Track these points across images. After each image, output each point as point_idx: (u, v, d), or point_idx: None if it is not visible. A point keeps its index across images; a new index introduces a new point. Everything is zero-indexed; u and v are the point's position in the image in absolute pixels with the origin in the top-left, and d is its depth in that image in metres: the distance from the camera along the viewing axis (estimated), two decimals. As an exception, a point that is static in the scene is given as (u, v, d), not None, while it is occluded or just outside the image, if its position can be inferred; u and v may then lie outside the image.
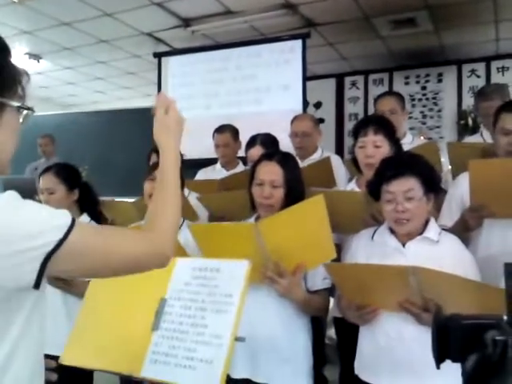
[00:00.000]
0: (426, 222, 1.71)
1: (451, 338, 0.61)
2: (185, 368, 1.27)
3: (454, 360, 0.61)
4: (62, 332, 2.09)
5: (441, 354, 0.61)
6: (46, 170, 2.40)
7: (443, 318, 0.62)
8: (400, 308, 1.57)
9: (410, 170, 1.63)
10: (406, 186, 1.62)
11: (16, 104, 0.92)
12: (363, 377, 1.73)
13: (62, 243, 0.84)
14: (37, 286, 0.84)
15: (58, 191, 2.32)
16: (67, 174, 2.39)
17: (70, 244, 0.85)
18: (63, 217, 0.87)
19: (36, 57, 6.27)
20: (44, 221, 0.85)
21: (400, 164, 1.69)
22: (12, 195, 0.86)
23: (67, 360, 1.46)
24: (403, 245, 1.69)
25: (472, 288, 1.46)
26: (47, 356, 1.02)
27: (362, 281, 1.59)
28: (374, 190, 1.73)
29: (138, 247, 0.95)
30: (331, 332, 3.65)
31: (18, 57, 6.17)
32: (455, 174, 2.41)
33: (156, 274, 1.47)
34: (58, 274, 0.91)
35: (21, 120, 0.95)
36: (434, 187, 1.67)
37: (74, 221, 0.87)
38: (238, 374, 1.79)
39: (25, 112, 0.95)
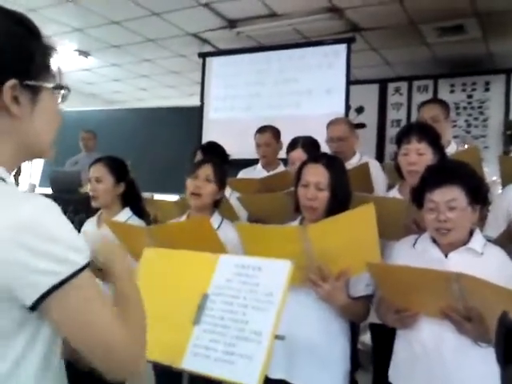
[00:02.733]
0: (471, 233, 1.68)
1: None
2: (224, 362, 1.29)
3: None
4: None
5: (506, 358, 0.61)
6: (97, 160, 2.49)
7: (509, 323, 0.62)
8: (441, 314, 1.55)
9: (454, 178, 1.61)
10: (449, 196, 1.60)
11: (51, 85, 0.89)
12: None
13: (68, 281, 0.77)
14: (33, 309, 0.78)
15: (106, 181, 2.40)
16: (116, 166, 2.47)
17: (73, 287, 0.78)
18: (83, 253, 0.81)
19: (85, 53, 6.46)
20: (68, 246, 0.79)
21: (444, 172, 1.67)
22: (53, 205, 0.81)
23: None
24: (446, 255, 1.67)
25: None
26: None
27: (404, 283, 1.58)
28: (418, 197, 1.71)
29: (122, 337, 0.84)
30: (364, 338, 3.64)
31: (68, 53, 6.37)
32: (504, 185, 2.36)
33: (199, 270, 1.52)
34: (49, 313, 0.80)
35: (59, 100, 0.93)
36: (479, 197, 1.64)
37: (88, 264, 0.81)
38: (274, 374, 1.79)
39: (61, 91, 0.93)
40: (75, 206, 3.32)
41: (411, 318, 1.64)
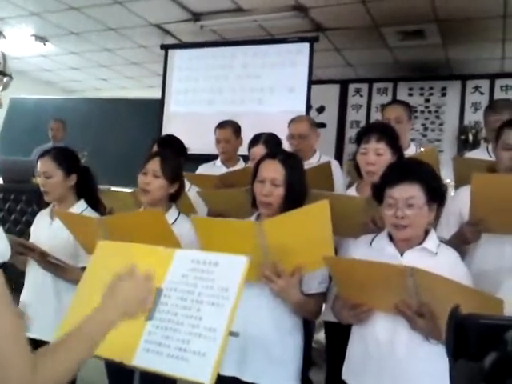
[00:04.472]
0: (427, 233, 1.71)
1: (469, 337, 0.61)
2: (177, 359, 1.26)
3: (471, 358, 0.61)
4: (50, 316, 2.10)
5: (456, 352, 0.61)
6: (44, 153, 2.37)
7: (460, 317, 0.62)
8: (395, 309, 1.57)
9: (414, 176, 1.63)
10: (409, 193, 1.62)
11: None
12: (350, 382, 1.73)
13: None
14: None
15: (56, 176, 2.29)
16: (65, 158, 2.36)
17: None
18: None
19: (42, 39, 6.25)
20: None
21: (405, 170, 1.70)
22: None
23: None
24: (401, 254, 1.69)
25: (469, 294, 1.46)
26: (33, 340, 0.97)
27: (360, 278, 1.59)
28: (378, 193, 1.73)
29: (19, 361, 0.80)
30: (318, 336, 3.67)
31: (25, 38, 6.15)
32: (457, 188, 2.43)
33: (154, 264, 1.48)
34: None
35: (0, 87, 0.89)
36: (437, 197, 1.67)
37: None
38: (225, 371, 1.78)
39: (4, 79, 0.89)
40: (27, 196, 3.20)
41: (366, 314, 1.65)
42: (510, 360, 0.53)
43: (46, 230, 2.33)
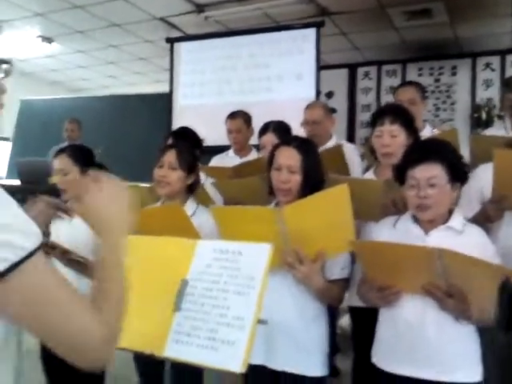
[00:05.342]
0: (451, 212, 1.70)
1: None
2: (207, 349, 1.26)
3: None
4: None
5: (509, 323, 0.61)
6: (60, 151, 2.40)
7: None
8: (423, 291, 1.56)
9: (435, 156, 1.62)
10: (430, 173, 1.61)
11: None
12: (381, 365, 1.72)
13: (16, 267, 0.70)
14: None
15: (72, 172, 2.32)
16: (81, 155, 2.38)
17: (22, 272, 0.71)
18: (33, 236, 0.74)
19: (48, 40, 6.26)
20: (10, 230, 0.72)
21: (426, 150, 1.68)
22: None
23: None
24: (426, 234, 1.68)
25: (498, 273, 1.44)
26: None
27: (387, 260, 1.58)
28: (399, 174, 1.72)
29: (87, 322, 0.78)
30: (342, 321, 3.68)
31: (31, 39, 6.16)
32: (474, 166, 2.39)
33: (177, 256, 1.49)
34: None
35: (1, 75, 0.90)
36: (459, 176, 1.66)
37: (39, 248, 0.74)
38: (253, 360, 1.77)
39: (4, 66, 0.91)
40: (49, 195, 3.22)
41: (394, 295, 1.64)
42: None
43: (66, 228, 2.35)
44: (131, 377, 2.45)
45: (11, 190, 0.78)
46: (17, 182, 4.21)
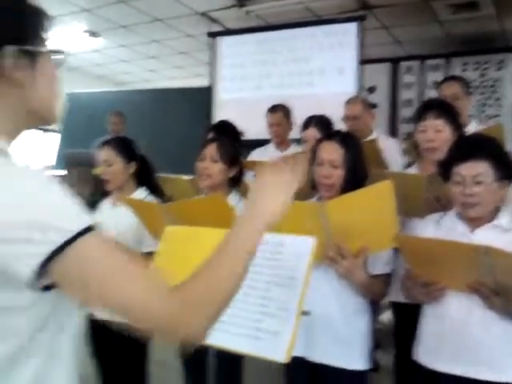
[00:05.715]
0: (498, 210, 1.66)
1: None
2: (251, 338, 1.29)
3: None
4: None
5: None
6: (105, 143, 2.47)
7: None
8: (469, 288, 1.54)
9: (482, 153, 1.59)
10: (476, 170, 1.58)
11: (47, 49, 0.89)
12: (423, 361, 1.71)
13: (64, 248, 0.74)
14: (34, 286, 0.75)
15: (116, 163, 2.38)
16: (124, 146, 2.45)
17: (71, 253, 0.74)
18: (80, 219, 0.77)
19: (94, 34, 6.41)
20: (60, 215, 0.76)
21: (472, 146, 1.65)
22: (44, 179, 0.78)
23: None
24: (472, 232, 1.66)
25: None
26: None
27: (432, 256, 1.56)
28: (445, 170, 1.70)
29: (147, 297, 0.79)
30: (383, 317, 3.65)
31: (78, 34, 6.32)
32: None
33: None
34: (56, 280, 0.77)
35: (56, 65, 0.93)
36: (507, 173, 1.62)
37: (90, 228, 0.77)
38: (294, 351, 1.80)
39: (58, 56, 0.93)
40: (91, 186, 3.32)
41: (439, 292, 1.63)
42: None
43: (110, 218, 2.42)
44: (170, 361, 2.51)
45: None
46: (64, 172, 4.35)
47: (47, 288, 0.78)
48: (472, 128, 2.77)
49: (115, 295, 0.78)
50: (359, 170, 1.89)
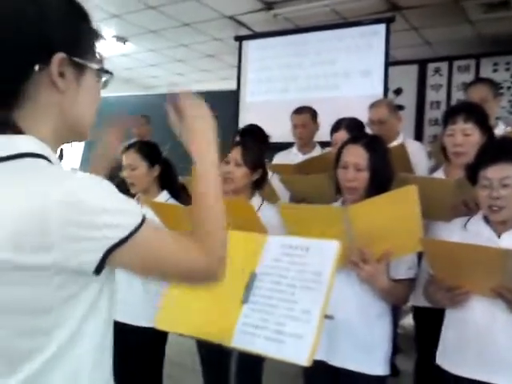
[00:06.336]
0: None
1: None
2: (274, 341, 1.30)
3: None
4: (137, 301, 2.23)
5: None
6: (129, 147, 2.50)
7: None
8: (493, 293, 1.53)
9: (509, 156, 1.58)
10: (504, 173, 1.57)
11: (96, 66, 0.91)
12: (446, 366, 1.69)
13: (125, 241, 0.83)
14: (97, 272, 0.84)
15: (140, 167, 2.41)
16: (148, 150, 2.48)
17: (133, 244, 0.84)
18: (134, 215, 0.86)
19: (122, 39, 6.53)
20: (116, 213, 0.83)
21: (499, 149, 1.64)
22: (95, 179, 0.84)
23: (160, 324, 1.55)
24: (499, 236, 1.64)
25: None
26: (118, 324, 1.03)
27: (457, 261, 1.56)
28: (472, 174, 1.68)
29: (192, 259, 0.94)
30: (404, 321, 3.62)
31: (107, 39, 6.45)
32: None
33: (247, 250, 1.53)
34: (117, 266, 0.89)
35: (100, 85, 0.95)
36: None
37: (142, 221, 0.87)
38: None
39: (105, 77, 0.94)
40: (119, 189, 3.38)
41: (463, 296, 1.62)
42: None
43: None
44: (188, 363, 2.54)
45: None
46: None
47: (98, 272, 0.85)
48: (499, 131, 2.72)
49: (178, 266, 0.93)
50: (384, 174, 1.88)
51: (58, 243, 0.78)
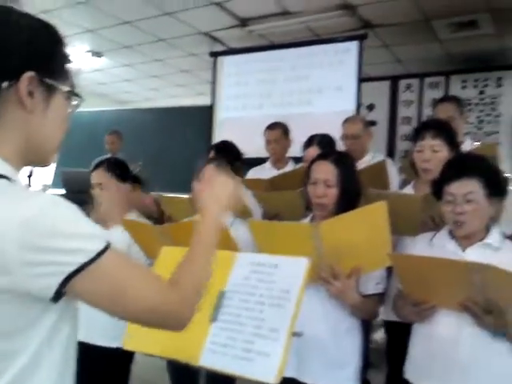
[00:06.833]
0: (488, 229, 1.68)
1: None
2: (242, 359, 1.29)
3: None
4: (102, 320, 2.18)
5: None
6: (97, 165, 2.45)
7: None
8: (460, 306, 1.55)
9: (472, 171, 1.62)
10: (467, 189, 1.61)
11: (66, 88, 0.90)
12: (414, 380, 1.70)
13: (85, 267, 0.80)
14: (56, 299, 0.81)
15: (109, 186, 2.36)
16: (118, 168, 2.43)
17: (94, 271, 0.80)
18: (97, 240, 0.83)
19: (97, 54, 6.50)
20: (77, 238, 0.80)
21: (462, 165, 1.68)
22: (57, 201, 0.81)
23: (128, 344, 1.53)
24: (463, 250, 1.67)
25: None
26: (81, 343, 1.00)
27: (424, 274, 1.58)
28: (437, 190, 1.71)
29: (161, 299, 0.90)
30: (376, 335, 3.64)
31: (81, 54, 6.41)
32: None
33: (216, 268, 1.52)
34: (74, 296, 0.85)
35: (69, 109, 0.93)
36: (497, 191, 1.64)
37: (106, 247, 0.83)
38: (284, 372, 1.79)
39: (74, 101, 0.93)
40: (90, 206, 3.34)
41: (429, 311, 1.63)
42: None
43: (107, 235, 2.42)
44: (159, 382, 2.50)
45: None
46: (62, 192, 4.37)
47: (56, 299, 0.81)
48: (467, 146, 2.78)
49: (143, 303, 0.88)
50: (353, 190, 1.90)
51: (16, 267, 0.76)
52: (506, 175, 2.69)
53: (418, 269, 1.61)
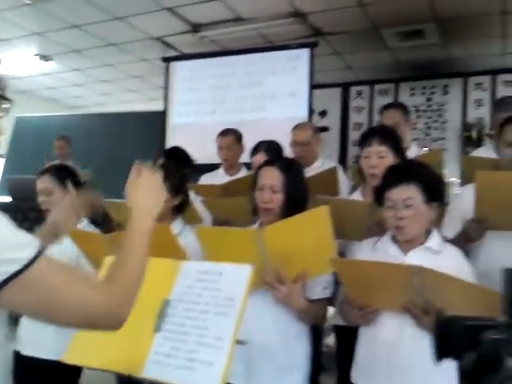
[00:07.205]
0: (429, 233, 1.73)
1: (452, 337, 0.64)
2: (186, 369, 1.27)
3: (454, 358, 0.63)
4: (48, 335, 2.12)
5: (441, 352, 0.64)
6: (43, 172, 2.37)
7: (445, 319, 0.65)
8: (401, 308, 1.58)
9: (410, 178, 1.66)
10: (406, 194, 1.65)
11: None
12: (360, 383, 1.73)
13: (16, 276, 0.80)
14: None
15: (55, 193, 2.29)
16: (64, 175, 2.34)
17: (25, 279, 0.81)
18: (27, 248, 0.83)
19: (45, 58, 6.32)
20: (7, 247, 0.80)
21: (401, 172, 1.72)
22: None
23: (70, 358, 1.48)
24: (405, 254, 1.71)
25: (473, 292, 1.49)
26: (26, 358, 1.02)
27: (366, 278, 1.60)
28: (379, 196, 1.75)
29: (94, 299, 0.90)
30: (327, 340, 3.68)
31: (28, 58, 6.22)
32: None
33: (160, 277, 1.50)
34: (5, 306, 0.84)
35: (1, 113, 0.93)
36: (436, 196, 1.69)
37: (37, 255, 0.83)
38: (234, 380, 1.77)
39: (5, 104, 0.93)
40: (36, 213, 3.23)
41: (373, 314, 1.67)
42: (486, 360, 0.55)
43: (56, 246, 2.34)
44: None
45: (2, 207, 0.84)
46: (8, 199, 4.22)
47: None
48: (413, 152, 2.85)
49: (72, 307, 0.88)
50: (299, 196, 1.91)
51: None
52: (450, 180, 2.80)
53: (360, 273, 1.64)
